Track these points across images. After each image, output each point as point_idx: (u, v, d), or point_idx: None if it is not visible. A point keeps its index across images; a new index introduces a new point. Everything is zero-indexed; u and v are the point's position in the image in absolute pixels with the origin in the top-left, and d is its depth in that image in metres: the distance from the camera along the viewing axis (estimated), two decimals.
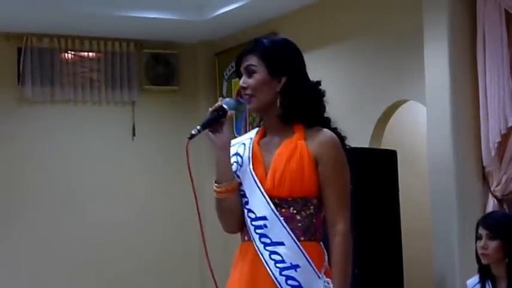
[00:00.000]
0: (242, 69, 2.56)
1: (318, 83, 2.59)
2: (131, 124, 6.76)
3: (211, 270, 2.54)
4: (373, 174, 4.75)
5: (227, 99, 2.55)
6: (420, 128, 5.20)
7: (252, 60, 2.53)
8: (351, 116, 5.50)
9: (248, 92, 2.54)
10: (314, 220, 2.50)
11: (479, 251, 3.71)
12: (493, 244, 3.67)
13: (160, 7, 6.22)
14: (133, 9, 6.17)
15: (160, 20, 6.28)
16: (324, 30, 5.85)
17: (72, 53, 6.54)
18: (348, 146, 2.57)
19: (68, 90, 6.50)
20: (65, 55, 6.52)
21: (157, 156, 6.71)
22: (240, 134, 2.71)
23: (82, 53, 6.58)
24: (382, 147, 5.34)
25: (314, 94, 2.56)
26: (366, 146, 5.27)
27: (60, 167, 6.50)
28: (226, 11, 6.08)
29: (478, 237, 3.75)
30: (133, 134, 6.76)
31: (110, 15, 6.11)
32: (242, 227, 2.54)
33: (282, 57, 2.54)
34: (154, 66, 6.82)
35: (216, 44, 6.83)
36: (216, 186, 2.52)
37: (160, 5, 6.20)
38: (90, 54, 6.60)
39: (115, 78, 6.66)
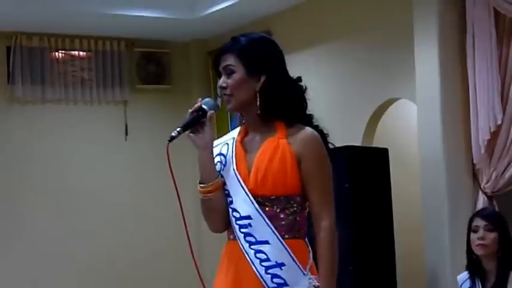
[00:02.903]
0: (221, 69, 2.55)
1: (299, 79, 2.57)
2: (123, 123, 6.75)
3: (197, 270, 2.56)
4: (365, 172, 4.78)
5: (206, 99, 2.55)
6: (411, 126, 5.24)
7: (230, 60, 2.52)
8: (342, 114, 5.54)
9: (227, 91, 2.53)
10: (298, 218, 2.50)
11: (477, 242, 3.73)
12: (491, 235, 3.72)
13: (152, 5, 6.20)
14: (125, 8, 6.14)
15: (152, 19, 6.26)
16: (317, 29, 5.87)
17: (63, 51, 6.50)
18: (331, 143, 2.57)
19: (59, 89, 6.47)
20: (55, 54, 6.47)
21: (150, 155, 6.69)
22: None
23: (73, 52, 6.54)
24: (374, 145, 5.37)
25: (294, 91, 2.55)
26: (358, 144, 5.29)
27: (52, 167, 6.48)
28: (218, 9, 6.08)
29: (474, 230, 3.78)
30: (126, 134, 6.76)
31: (101, 13, 6.09)
32: (227, 226, 2.55)
33: (260, 56, 2.52)
34: (146, 65, 6.82)
35: (209, 43, 6.83)
36: (200, 186, 2.52)
37: (152, 3, 6.19)
38: (81, 53, 6.56)
39: (106, 77, 6.63)
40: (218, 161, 2.55)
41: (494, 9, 4.54)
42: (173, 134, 2.48)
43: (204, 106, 2.52)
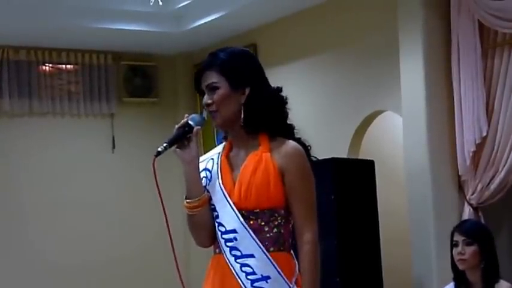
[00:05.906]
0: (203, 87, 2.54)
1: (279, 89, 2.57)
2: (111, 136, 6.76)
3: (181, 281, 2.58)
4: (351, 184, 4.80)
5: (193, 115, 2.56)
6: (397, 138, 5.26)
7: (213, 77, 2.51)
8: (328, 126, 5.56)
9: (213, 108, 2.52)
10: (282, 230, 2.51)
11: (457, 257, 3.76)
12: (470, 249, 3.73)
13: (138, 19, 6.22)
14: (111, 21, 6.16)
15: (138, 32, 6.29)
16: (303, 42, 5.90)
17: (50, 65, 6.53)
18: (314, 156, 2.57)
19: (46, 102, 6.50)
20: (42, 67, 6.50)
21: (137, 168, 6.68)
22: None
23: (60, 65, 6.57)
24: (360, 157, 5.40)
25: (278, 102, 2.55)
26: (344, 156, 5.32)
27: (40, 179, 6.48)
28: (204, 23, 6.11)
29: (454, 244, 3.80)
30: (113, 146, 6.77)
31: (88, 27, 6.11)
32: (214, 241, 2.56)
33: (243, 69, 2.52)
34: (132, 78, 6.83)
35: (195, 56, 6.84)
36: (186, 201, 2.52)
37: (138, 17, 6.21)
38: (68, 66, 6.59)
39: (93, 90, 6.66)
40: (204, 176, 2.56)
41: (478, 22, 4.58)
42: (159, 149, 2.48)
43: (190, 122, 2.52)
